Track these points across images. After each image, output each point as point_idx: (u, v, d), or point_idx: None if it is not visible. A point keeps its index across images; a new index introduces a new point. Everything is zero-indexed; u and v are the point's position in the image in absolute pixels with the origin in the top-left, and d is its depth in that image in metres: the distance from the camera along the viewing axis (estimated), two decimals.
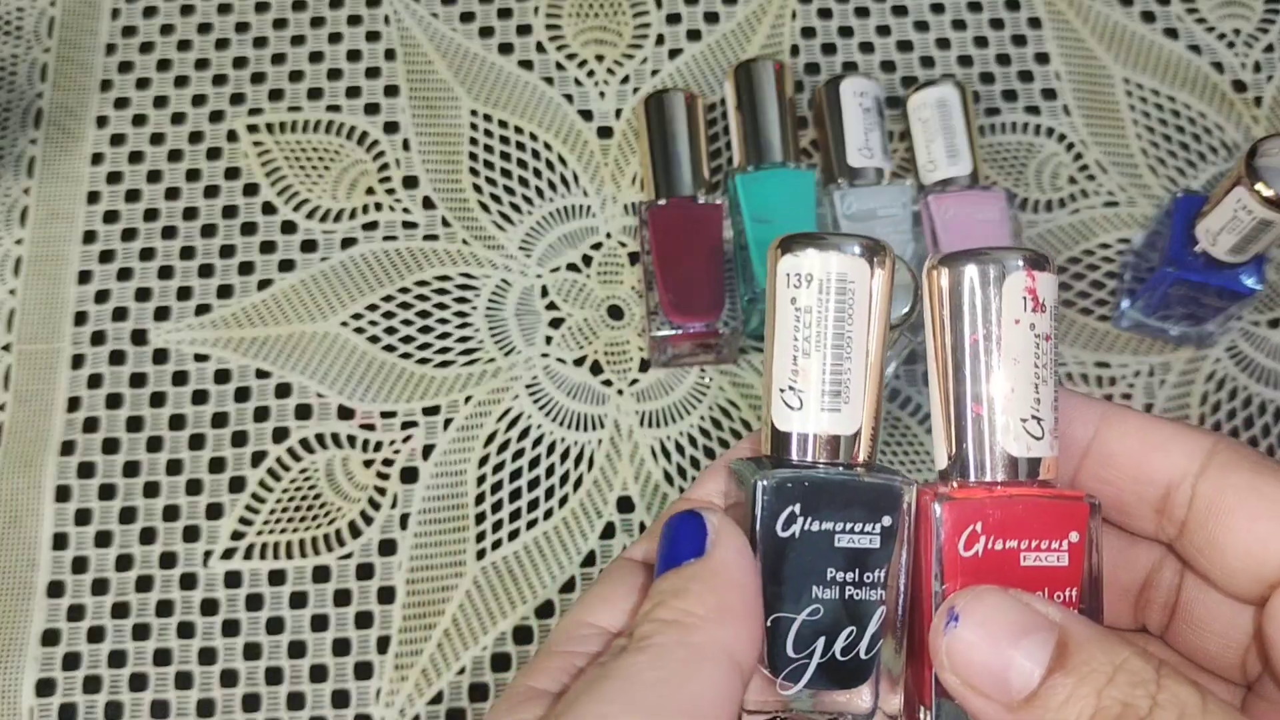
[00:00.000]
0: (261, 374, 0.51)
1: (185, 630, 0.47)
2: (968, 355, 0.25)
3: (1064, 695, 0.22)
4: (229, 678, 0.47)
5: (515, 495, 0.49)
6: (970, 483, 0.25)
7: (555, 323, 0.52)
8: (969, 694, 0.23)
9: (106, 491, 0.49)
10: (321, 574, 0.48)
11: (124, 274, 0.53)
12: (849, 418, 0.25)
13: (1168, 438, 0.26)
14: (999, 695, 0.22)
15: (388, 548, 0.49)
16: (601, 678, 0.22)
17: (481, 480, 0.50)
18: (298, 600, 0.48)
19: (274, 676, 0.47)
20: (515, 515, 0.49)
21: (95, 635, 0.47)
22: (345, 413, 0.51)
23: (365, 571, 0.48)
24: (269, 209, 0.54)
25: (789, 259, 0.25)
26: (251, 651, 0.47)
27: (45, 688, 0.47)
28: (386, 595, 0.48)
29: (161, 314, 0.52)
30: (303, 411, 0.51)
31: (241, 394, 0.51)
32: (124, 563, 0.48)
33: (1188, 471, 0.26)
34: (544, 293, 0.53)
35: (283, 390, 0.51)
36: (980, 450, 0.25)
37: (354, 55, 0.57)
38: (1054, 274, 0.25)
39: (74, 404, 0.51)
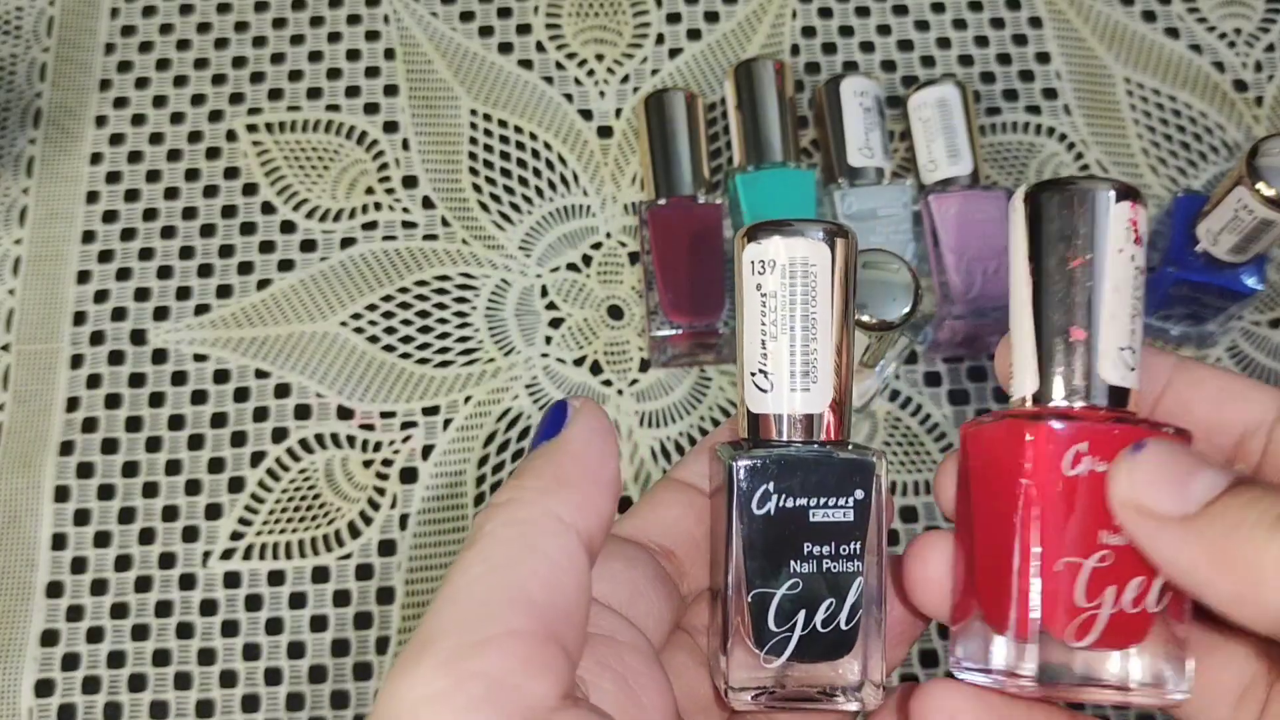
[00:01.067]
0: (261, 374, 0.51)
1: (184, 631, 0.47)
2: (1069, 281, 0.25)
3: (1247, 498, 0.22)
4: (228, 678, 0.47)
5: None
6: (1067, 409, 0.25)
7: (555, 323, 0.52)
8: (1133, 514, 0.23)
9: (105, 492, 0.49)
10: (321, 574, 0.48)
11: (123, 274, 0.53)
12: (818, 396, 0.26)
13: (1244, 389, 0.26)
14: (1177, 505, 0.23)
15: (387, 548, 0.48)
16: (441, 585, 0.22)
17: (481, 480, 0.50)
18: (297, 601, 0.48)
19: (273, 677, 0.47)
20: None
21: (94, 635, 0.47)
22: (345, 413, 0.50)
23: (365, 572, 0.48)
24: (268, 209, 0.54)
25: (753, 246, 0.26)
26: (251, 652, 0.47)
27: (44, 688, 0.47)
28: (386, 596, 0.48)
29: (161, 314, 0.52)
30: (302, 411, 0.50)
31: (241, 394, 0.51)
32: (123, 563, 0.48)
33: (1264, 420, 0.26)
34: (544, 292, 0.53)
35: (282, 390, 0.51)
36: (1078, 375, 0.25)
37: (353, 55, 0.57)
38: (1146, 207, 0.25)
39: (73, 404, 0.51)
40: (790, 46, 0.57)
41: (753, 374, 0.26)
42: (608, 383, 0.51)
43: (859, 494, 0.26)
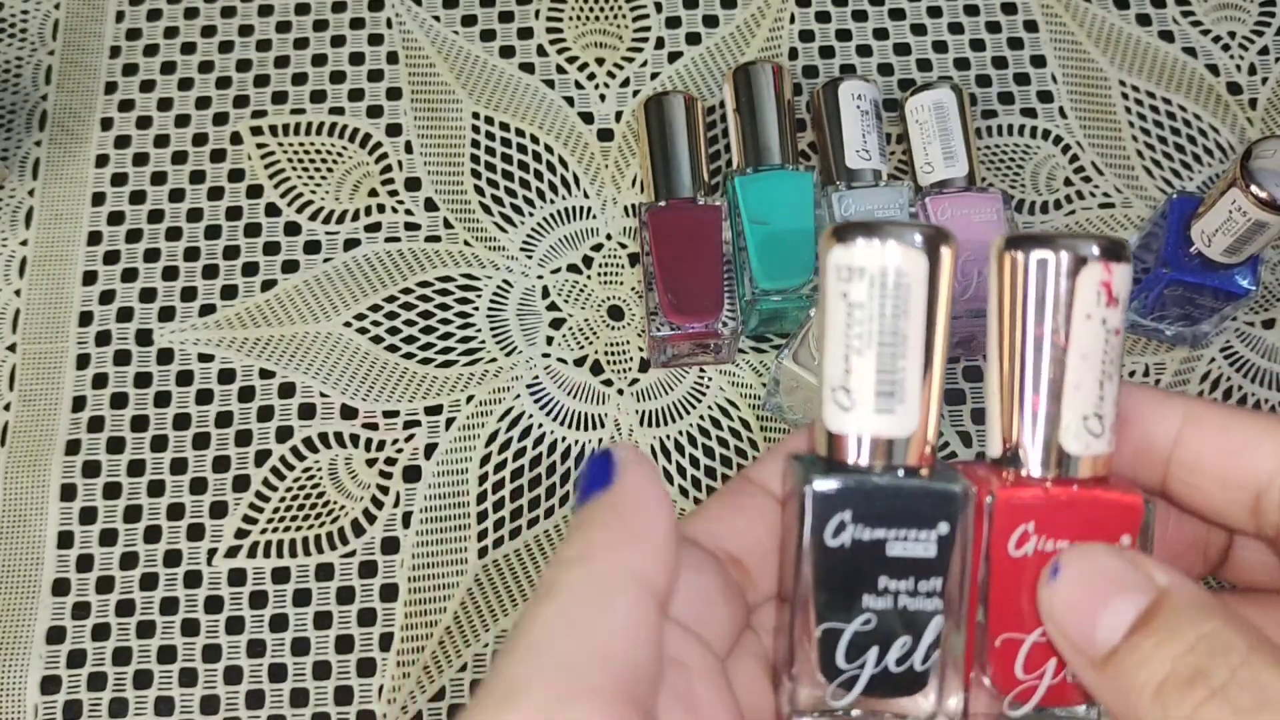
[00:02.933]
0: (265, 374, 0.52)
1: (189, 628, 0.48)
2: (1033, 347, 0.24)
3: (1140, 655, 0.21)
4: (233, 675, 0.47)
5: (516, 494, 0.50)
6: (1024, 477, 0.24)
7: (556, 323, 0.53)
8: (1063, 645, 0.23)
9: (111, 490, 0.50)
10: (324, 572, 0.48)
11: (129, 275, 0.53)
12: (904, 419, 0.24)
13: (1252, 436, 0.25)
14: (1085, 648, 0.22)
15: (390, 546, 0.49)
16: (514, 633, 0.21)
17: (483, 479, 0.50)
18: (301, 598, 0.48)
19: (277, 673, 0.47)
20: (516, 513, 0.50)
21: (100, 633, 0.48)
22: (348, 412, 0.51)
23: (368, 569, 0.49)
24: (272, 210, 0.55)
25: (840, 250, 0.23)
26: (255, 649, 0.47)
27: (50, 685, 0.47)
28: (389, 593, 0.48)
29: (166, 314, 0.53)
30: (306, 411, 0.51)
31: (245, 394, 0.51)
32: (128, 561, 0.49)
33: (1275, 472, 0.24)
34: (545, 293, 0.53)
35: (286, 390, 0.51)
36: (1037, 446, 0.24)
37: (357, 58, 0.58)
38: (1129, 263, 0.24)
39: (79, 404, 0.51)
40: (788, 50, 0.58)
41: (834, 389, 0.24)
42: (608, 382, 0.52)
43: (944, 527, 0.24)
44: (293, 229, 0.54)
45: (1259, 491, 0.25)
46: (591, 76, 0.57)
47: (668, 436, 0.51)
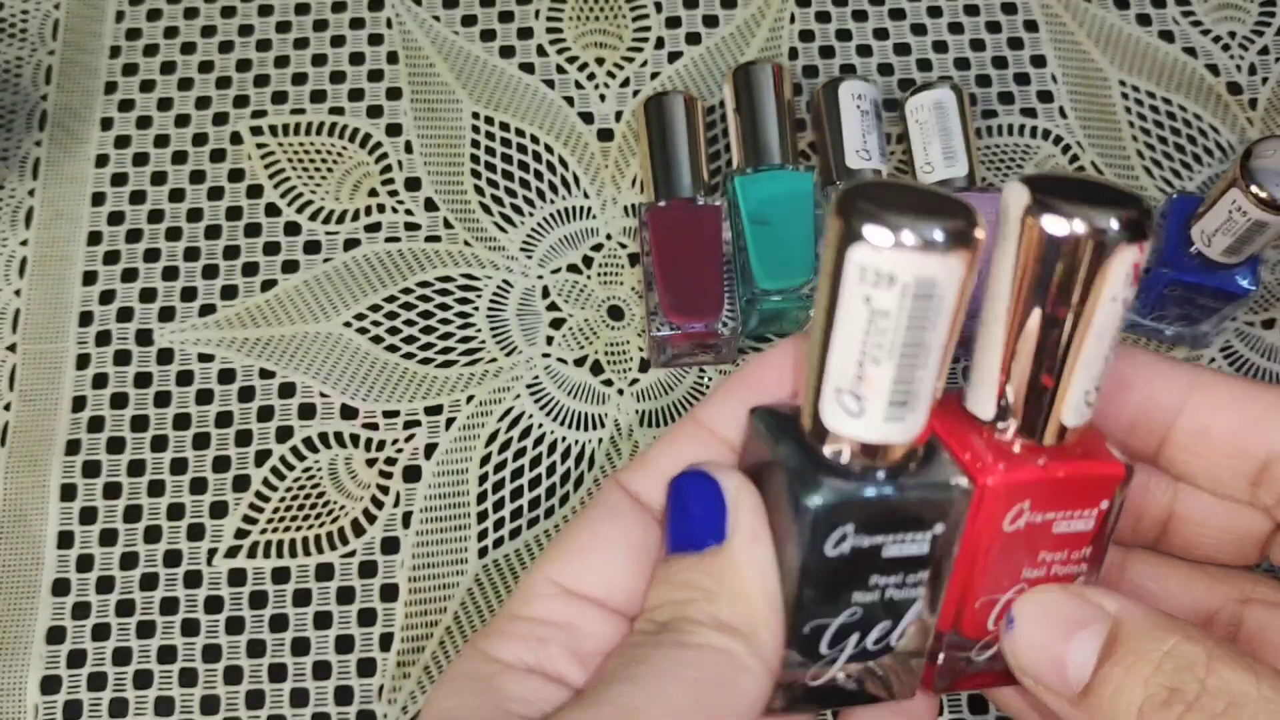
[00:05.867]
0: (265, 374, 0.52)
1: (189, 628, 0.48)
2: (1050, 326, 0.23)
3: (1114, 685, 0.22)
4: (233, 675, 0.47)
5: (517, 494, 0.50)
6: (1018, 450, 0.24)
7: (556, 323, 0.53)
8: (1039, 690, 0.23)
9: (111, 490, 0.50)
10: (324, 572, 0.48)
11: (129, 275, 0.53)
12: (912, 426, 0.22)
13: (1265, 407, 0.25)
14: (1062, 691, 0.23)
15: (390, 546, 0.49)
16: (640, 664, 0.21)
17: (483, 479, 0.50)
18: (301, 598, 0.48)
19: (277, 673, 0.47)
20: (517, 513, 0.50)
21: (100, 633, 0.48)
22: (349, 412, 0.51)
23: (368, 569, 0.49)
24: (272, 210, 0.55)
25: (866, 251, 0.20)
26: (255, 649, 0.47)
27: (50, 685, 0.47)
28: (389, 593, 0.48)
29: (166, 314, 0.53)
30: (306, 411, 0.51)
31: (245, 394, 0.51)
32: (128, 561, 0.49)
33: None
34: (545, 293, 0.53)
35: (286, 390, 0.51)
36: (1034, 415, 0.24)
37: (357, 58, 0.58)
38: (1154, 232, 0.23)
39: (79, 404, 0.51)
40: (788, 50, 0.58)
41: (839, 390, 0.22)
42: (608, 382, 0.52)
43: (939, 528, 0.23)
44: (293, 229, 0.54)
45: (1267, 461, 0.25)
46: (591, 76, 0.57)
47: None
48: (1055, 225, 0.21)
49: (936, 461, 0.24)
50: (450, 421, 0.51)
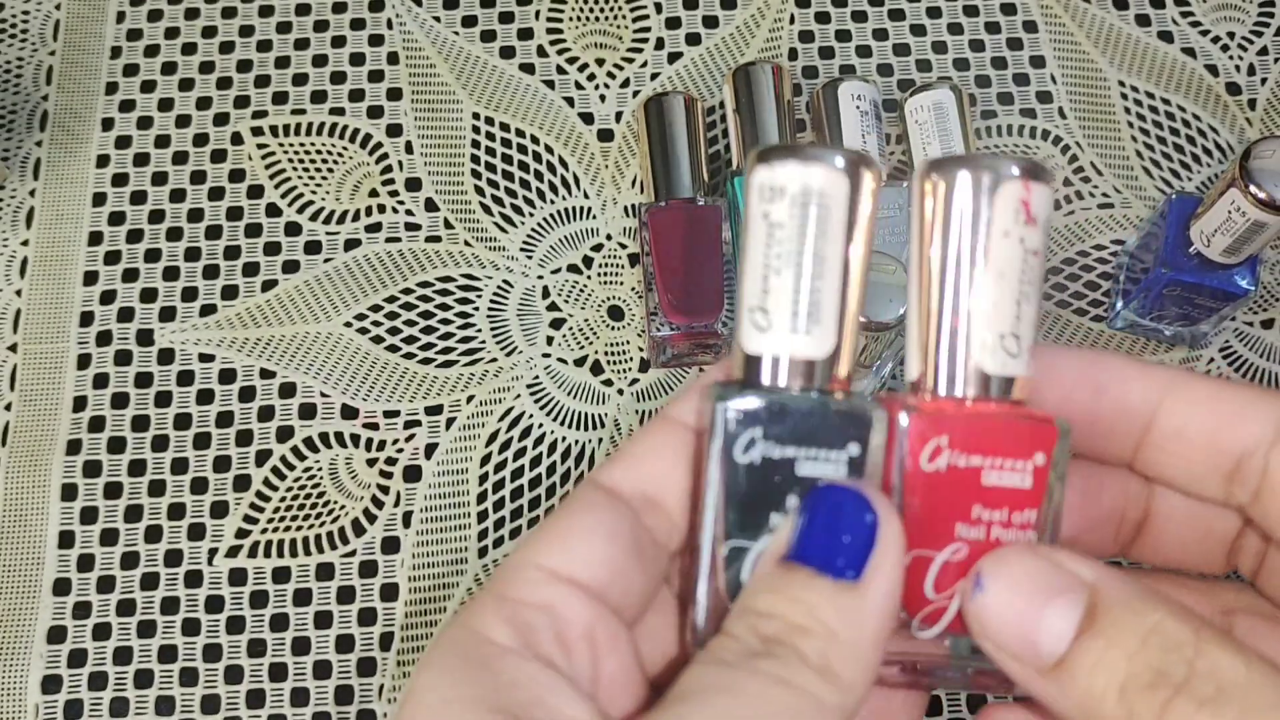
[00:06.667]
0: (266, 374, 0.52)
1: (190, 627, 0.48)
2: (952, 265, 0.24)
3: (1093, 660, 0.21)
4: (233, 674, 0.47)
5: (517, 494, 0.50)
6: (940, 396, 0.24)
7: (556, 323, 0.53)
8: (1002, 658, 0.22)
9: (112, 490, 0.50)
10: (325, 571, 0.49)
11: (130, 275, 0.54)
12: (820, 341, 0.23)
13: (1240, 405, 0.25)
14: (1030, 661, 0.22)
15: (390, 545, 0.49)
16: (730, 686, 0.21)
17: (483, 479, 0.50)
18: (301, 597, 0.48)
19: (278, 673, 0.47)
20: (517, 513, 0.50)
21: (101, 632, 0.48)
22: (349, 412, 0.51)
23: (368, 569, 0.49)
24: (273, 211, 0.55)
25: (763, 170, 0.23)
26: (255, 648, 0.48)
27: (51, 684, 0.47)
28: (389, 592, 0.48)
29: (167, 314, 0.53)
30: (307, 411, 0.51)
31: (246, 394, 0.51)
32: (129, 560, 0.49)
33: (1261, 440, 0.24)
34: (545, 293, 0.53)
35: (287, 390, 0.51)
36: (954, 364, 0.24)
37: (357, 59, 0.58)
38: (1050, 185, 0.24)
39: (80, 404, 0.51)
40: (788, 51, 0.58)
41: (750, 310, 0.24)
42: (608, 382, 0.52)
43: (854, 448, 0.24)
44: (293, 229, 0.54)
45: (1241, 458, 0.24)
46: (592, 77, 0.57)
47: None
48: (944, 173, 0.24)
49: (861, 396, 0.24)
50: (450, 421, 0.51)
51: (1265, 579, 0.27)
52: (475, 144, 0.56)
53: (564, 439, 0.51)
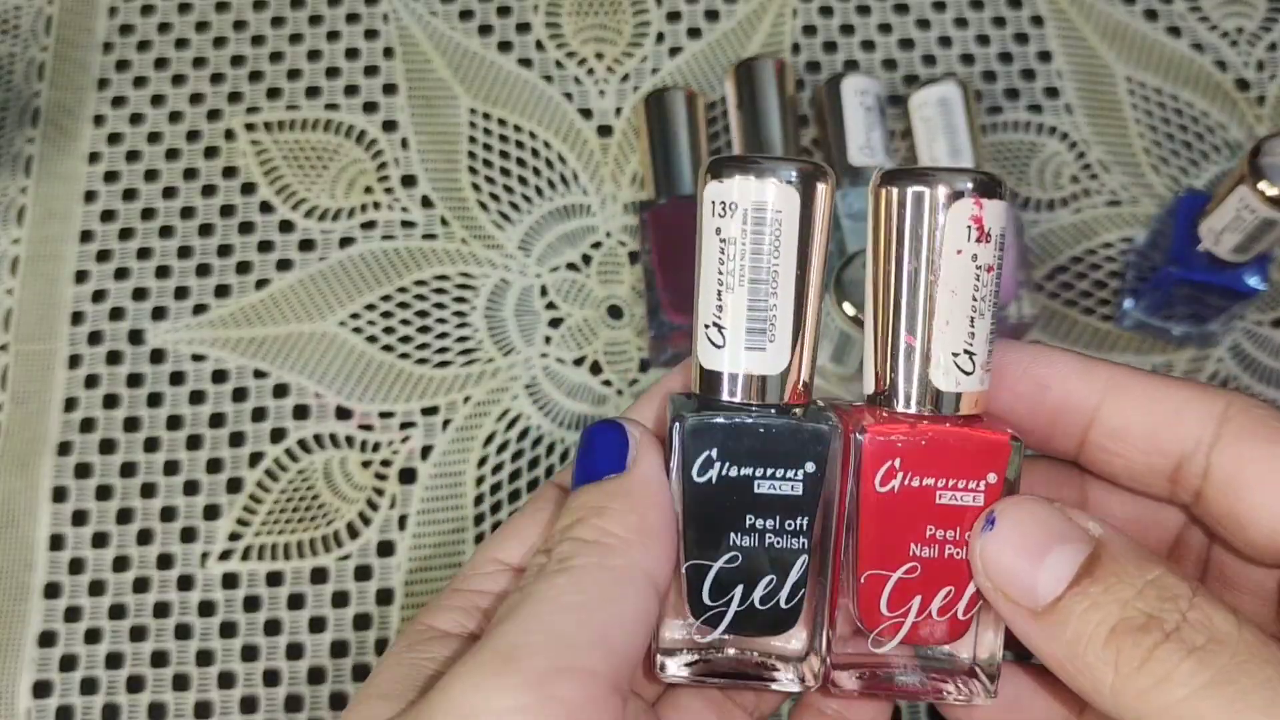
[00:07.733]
0: (259, 374, 0.51)
1: (183, 632, 0.47)
2: (905, 282, 0.24)
3: (1087, 603, 0.22)
4: (226, 679, 0.47)
5: (514, 496, 0.49)
6: (895, 413, 0.24)
7: (554, 322, 0.52)
8: (999, 599, 0.23)
9: (103, 492, 0.49)
10: (320, 575, 0.48)
11: (121, 273, 0.53)
12: (775, 357, 0.24)
13: (1178, 405, 0.25)
14: (1026, 601, 0.22)
15: (386, 549, 0.48)
16: (523, 600, 0.22)
17: (480, 481, 0.49)
18: (295, 602, 0.48)
19: (272, 678, 0.47)
20: None
21: (92, 637, 0.47)
22: (343, 413, 0.50)
23: (363, 573, 0.48)
24: (267, 208, 0.54)
25: (714, 185, 0.23)
26: (249, 653, 0.47)
27: (42, 689, 0.46)
28: (385, 597, 0.48)
29: (159, 314, 0.52)
30: (300, 412, 0.50)
31: (239, 394, 0.51)
32: (121, 564, 0.48)
33: (1200, 440, 0.25)
34: (543, 292, 0.53)
35: (280, 390, 0.51)
36: (908, 382, 0.24)
37: (352, 53, 0.57)
38: (1005, 200, 0.24)
39: (71, 404, 0.51)
40: (791, 45, 0.57)
41: (706, 326, 0.24)
42: (608, 383, 0.51)
43: (810, 466, 0.24)
44: (287, 227, 0.54)
45: (1181, 458, 0.25)
46: (591, 72, 0.57)
47: None
48: (898, 188, 0.24)
49: (816, 409, 0.25)
50: (447, 423, 0.50)
51: (1210, 580, 0.27)
52: (472, 140, 0.55)
53: (562, 440, 0.50)
